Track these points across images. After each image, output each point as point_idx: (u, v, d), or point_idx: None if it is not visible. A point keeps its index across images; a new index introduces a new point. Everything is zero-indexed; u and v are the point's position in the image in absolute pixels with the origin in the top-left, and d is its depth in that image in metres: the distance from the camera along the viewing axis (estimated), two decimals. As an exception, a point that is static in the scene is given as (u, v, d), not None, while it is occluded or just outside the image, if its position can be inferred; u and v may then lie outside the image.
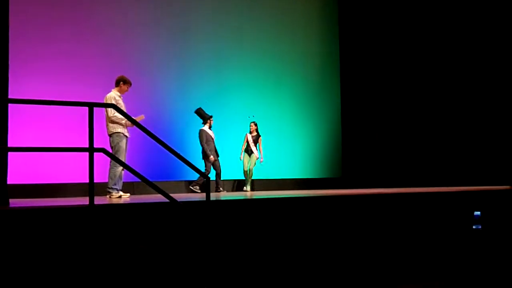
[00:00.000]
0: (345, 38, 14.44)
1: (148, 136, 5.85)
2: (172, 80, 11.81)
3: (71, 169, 10.09)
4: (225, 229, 6.02)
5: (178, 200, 5.84)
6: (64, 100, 6.43)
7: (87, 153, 5.36)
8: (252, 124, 12.03)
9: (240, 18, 12.90)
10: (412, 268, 6.75)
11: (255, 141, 11.94)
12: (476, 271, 6.78)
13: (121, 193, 8.25)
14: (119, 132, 8.12)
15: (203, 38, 12.29)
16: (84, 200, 5.94)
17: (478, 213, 8.27)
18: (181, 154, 6.04)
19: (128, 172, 5.73)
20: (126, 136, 8.24)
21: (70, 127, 10.19)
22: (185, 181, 11.40)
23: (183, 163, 6.04)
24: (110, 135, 8.16)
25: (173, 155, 5.96)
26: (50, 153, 9.65)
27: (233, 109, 12.43)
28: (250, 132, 12.01)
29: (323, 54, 14.22)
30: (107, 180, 8.10)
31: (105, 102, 8.15)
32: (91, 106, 5.53)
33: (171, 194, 5.83)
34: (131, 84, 8.53)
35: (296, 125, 13.54)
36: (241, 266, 5.85)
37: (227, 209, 6.33)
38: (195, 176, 11.05)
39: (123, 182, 8.49)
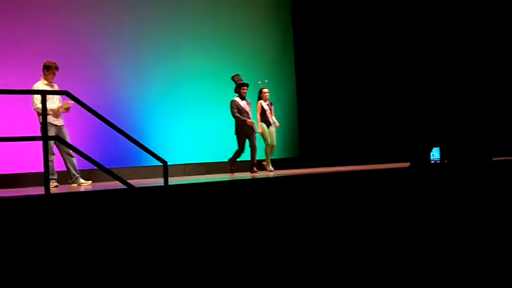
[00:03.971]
0: (299, 14, 14.36)
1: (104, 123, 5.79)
2: (126, 64, 11.53)
3: (20, 159, 9.77)
4: (184, 214, 5.99)
5: (136, 186, 5.80)
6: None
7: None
8: (266, 90, 10.63)
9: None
10: (378, 244, 6.86)
11: (270, 109, 10.63)
12: (447, 244, 6.92)
13: (81, 180, 8.30)
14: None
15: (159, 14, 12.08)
16: (39, 190, 5.85)
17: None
18: (137, 139, 6.01)
19: (83, 159, 5.64)
20: (55, 125, 8.08)
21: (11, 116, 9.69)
22: (143, 166, 11.24)
23: (140, 149, 6.02)
24: None
25: (129, 141, 5.93)
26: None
27: (187, 92, 12.22)
28: (261, 99, 10.58)
29: (277, 32, 14.16)
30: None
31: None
32: (43, 94, 5.56)
33: (129, 181, 5.80)
34: (56, 68, 8.23)
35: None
36: (200, 252, 5.85)
37: (186, 194, 6.29)
38: (153, 162, 10.93)
39: (80, 170, 8.39)
